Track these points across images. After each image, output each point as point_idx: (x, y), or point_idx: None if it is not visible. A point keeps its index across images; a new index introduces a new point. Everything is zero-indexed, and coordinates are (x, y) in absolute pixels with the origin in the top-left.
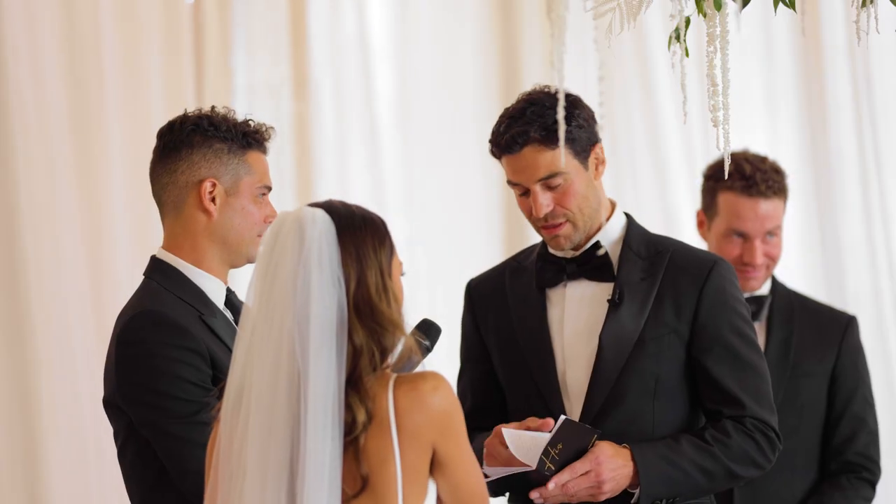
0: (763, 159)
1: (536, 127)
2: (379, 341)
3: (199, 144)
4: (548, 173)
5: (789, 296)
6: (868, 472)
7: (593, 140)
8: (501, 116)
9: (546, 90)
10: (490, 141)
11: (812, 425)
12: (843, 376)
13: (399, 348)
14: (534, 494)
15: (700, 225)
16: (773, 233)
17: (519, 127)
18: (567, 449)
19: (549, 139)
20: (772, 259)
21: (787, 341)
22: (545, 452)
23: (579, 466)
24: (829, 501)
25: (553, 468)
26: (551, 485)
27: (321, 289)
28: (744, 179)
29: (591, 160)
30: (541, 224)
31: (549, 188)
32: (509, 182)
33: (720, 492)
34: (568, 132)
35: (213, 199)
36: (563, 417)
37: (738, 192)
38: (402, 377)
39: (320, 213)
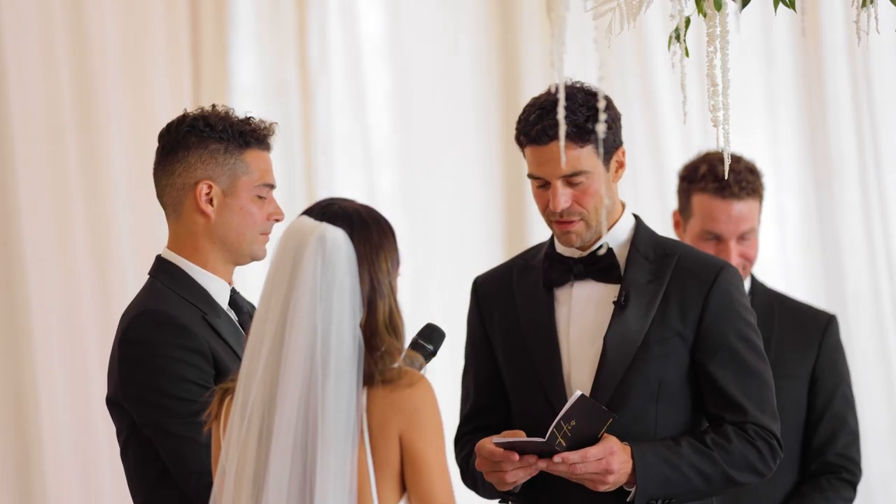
0: (738, 159)
1: (568, 122)
2: (378, 363)
3: (194, 146)
4: (572, 171)
5: (769, 295)
6: (848, 473)
7: (618, 142)
8: (531, 106)
9: (579, 85)
10: (517, 129)
11: (792, 426)
12: (822, 377)
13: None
14: (540, 464)
15: (676, 226)
16: (748, 234)
17: (550, 119)
18: (580, 427)
19: (579, 136)
20: (748, 260)
21: (766, 342)
22: (557, 427)
23: (592, 452)
24: (809, 503)
25: (564, 444)
26: (558, 459)
27: (341, 320)
28: (717, 181)
29: (613, 162)
30: (554, 218)
31: (570, 185)
32: (530, 175)
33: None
34: (596, 132)
35: (210, 201)
36: (578, 392)
37: (711, 194)
38: (384, 376)
39: (342, 237)
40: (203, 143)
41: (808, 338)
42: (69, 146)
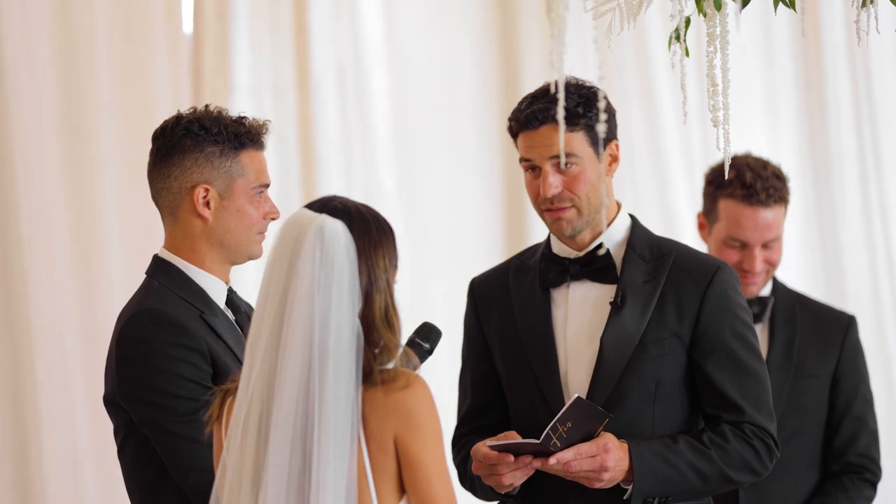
0: (765, 165)
1: (558, 106)
2: (374, 357)
3: (190, 149)
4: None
5: (790, 296)
6: (869, 473)
7: (611, 135)
8: (524, 97)
9: (573, 79)
10: (509, 118)
11: (814, 426)
12: (844, 377)
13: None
14: (536, 463)
15: (701, 227)
16: (773, 241)
17: (540, 104)
18: (576, 428)
19: (569, 120)
20: (772, 265)
21: (790, 343)
22: (553, 428)
23: (585, 449)
24: (831, 502)
25: (559, 445)
26: (553, 460)
27: (340, 310)
28: (744, 188)
29: (606, 155)
30: (545, 206)
31: (560, 170)
32: (521, 160)
33: (723, 493)
34: (587, 118)
35: (207, 204)
36: (575, 395)
37: (737, 200)
38: (380, 377)
39: (341, 228)
40: (198, 147)
41: (830, 338)
42: (67, 147)
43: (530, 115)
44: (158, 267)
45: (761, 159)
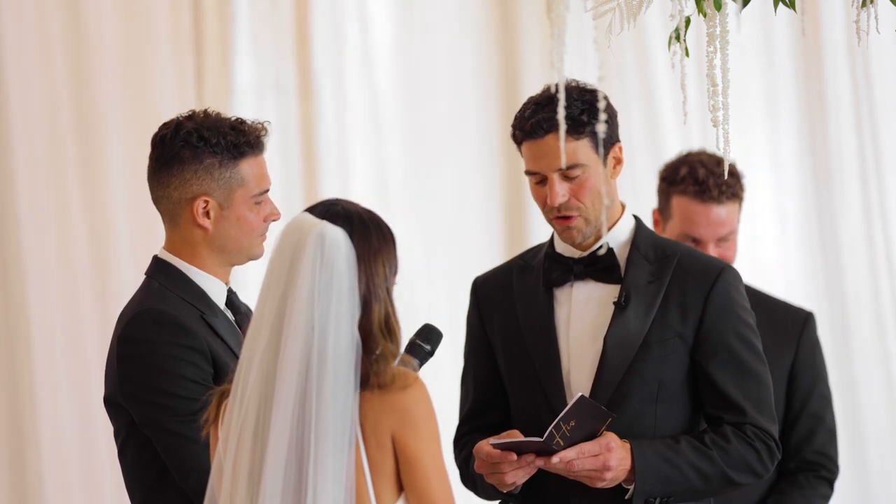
0: (719, 161)
1: (558, 107)
2: (373, 365)
3: (189, 160)
4: (568, 163)
5: (747, 292)
6: (826, 471)
7: (614, 139)
8: (527, 103)
9: (574, 83)
10: (513, 125)
11: None
12: (800, 374)
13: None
14: (538, 462)
15: (655, 224)
16: (727, 237)
17: (545, 113)
18: (579, 428)
19: (574, 129)
20: (726, 261)
21: None
22: (556, 427)
23: (588, 448)
24: (787, 501)
25: (562, 444)
26: (556, 459)
27: (339, 318)
28: (697, 184)
29: (611, 158)
30: (554, 215)
31: (567, 179)
32: (527, 172)
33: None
34: (592, 125)
35: (207, 214)
36: (579, 394)
37: (690, 197)
38: (377, 381)
39: (342, 235)
40: (197, 158)
41: (786, 335)
42: (70, 146)
43: (535, 125)
44: (158, 268)
45: (715, 156)
